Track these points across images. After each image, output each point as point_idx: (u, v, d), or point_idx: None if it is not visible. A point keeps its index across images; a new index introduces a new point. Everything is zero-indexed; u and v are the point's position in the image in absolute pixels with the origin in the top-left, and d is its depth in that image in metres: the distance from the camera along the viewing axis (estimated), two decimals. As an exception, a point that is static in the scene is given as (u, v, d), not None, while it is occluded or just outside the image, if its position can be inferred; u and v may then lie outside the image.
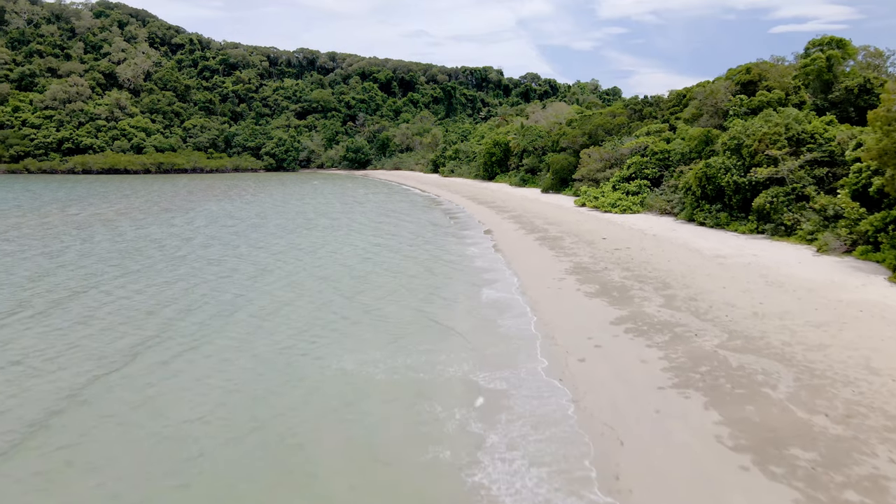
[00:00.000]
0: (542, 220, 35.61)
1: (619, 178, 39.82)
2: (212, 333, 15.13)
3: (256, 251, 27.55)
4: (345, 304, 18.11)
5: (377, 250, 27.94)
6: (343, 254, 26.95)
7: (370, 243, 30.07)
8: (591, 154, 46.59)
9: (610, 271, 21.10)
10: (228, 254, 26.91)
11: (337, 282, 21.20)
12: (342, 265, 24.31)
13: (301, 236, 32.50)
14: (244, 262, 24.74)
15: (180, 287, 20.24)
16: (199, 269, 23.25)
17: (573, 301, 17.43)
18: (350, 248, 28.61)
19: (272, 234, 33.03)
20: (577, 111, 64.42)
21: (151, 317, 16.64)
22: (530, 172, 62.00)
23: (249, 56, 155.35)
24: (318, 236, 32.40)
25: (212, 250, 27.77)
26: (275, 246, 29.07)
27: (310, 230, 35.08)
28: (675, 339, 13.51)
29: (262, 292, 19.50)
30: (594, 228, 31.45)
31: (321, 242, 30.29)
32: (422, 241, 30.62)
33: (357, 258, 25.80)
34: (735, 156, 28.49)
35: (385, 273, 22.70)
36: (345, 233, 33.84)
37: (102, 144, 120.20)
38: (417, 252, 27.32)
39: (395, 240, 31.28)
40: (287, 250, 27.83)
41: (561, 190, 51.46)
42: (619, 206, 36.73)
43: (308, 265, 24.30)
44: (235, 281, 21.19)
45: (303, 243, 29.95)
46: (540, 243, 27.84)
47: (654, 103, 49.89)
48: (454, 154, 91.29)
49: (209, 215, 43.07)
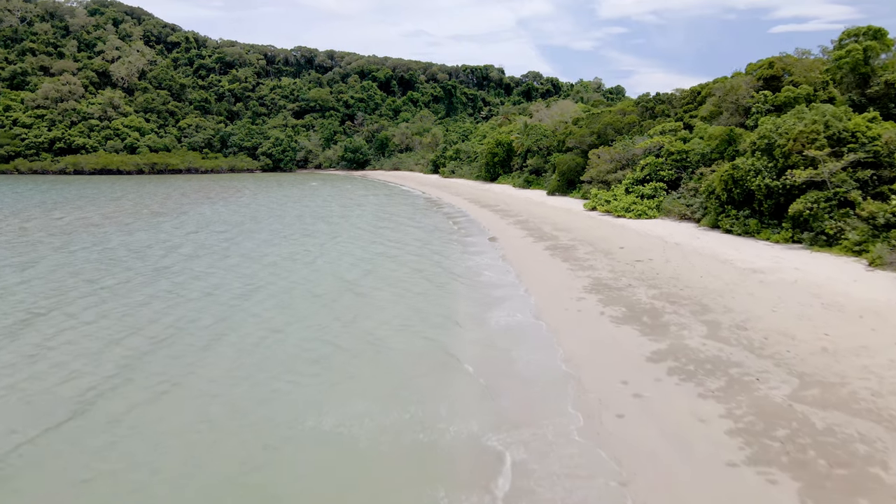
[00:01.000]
0: (550, 226, 33.08)
1: (632, 181, 37.28)
2: (181, 375, 12.65)
3: (247, 262, 25.08)
4: (340, 331, 15.65)
5: (379, 261, 25.45)
6: (342, 265, 24.50)
7: (371, 252, 27.59)
8: (600, 154, 44.05)
9: (635, 289, 18.57)
10: (216, 266, 24.42)
11: (333, 301, 18.76)
12: (340, 280, 21.85)
13: (297, 244, 30.04)
14: (232, 277, 22.25)
15: (156, 308, 17.72)
16: (181, 285, 20.75)
17: (598, 329, 14.90)
18: (349, 258, 26.15)
19: (266, 242, 30.56)
20: (583, 109, 61.81)
21: (115, 349, 14.17)
22: (535, 173, 59.45)
23: (246, 54, 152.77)
24: (316, 244, 29.93)
25: (198, 262, 25.27)
26: (268, 256, 26.61)
27: (307, 237, 32.62)
28: (733, 384, 11.00)
29: (249, 316, 17.03)
30: (609, 236, 28.92)
31: (319, 251, 27.84)
32: (426, 250, 28.13)
33: (357, 271, 23.34)
34: (766, 157, 25.95)
35: (386, 289, 20.27)
36: (344, 240, 31.36)
37: (95, 144, 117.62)
38: (421, 263, 24.84)
39: (396, 248, 28.77)
40: (281, 261, 25.38)
41: (568, 192, 48.93)
42: (634, 211, 34.19)
43: (303, 280, 21.85)
44: (220, 300, 18.67)
45: (299, 252, 27.49)
46: (551, 253, 25.31)
47: (666, 101, 47.34)
48: (455, 154, 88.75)
49: (201, 219, 40.59)
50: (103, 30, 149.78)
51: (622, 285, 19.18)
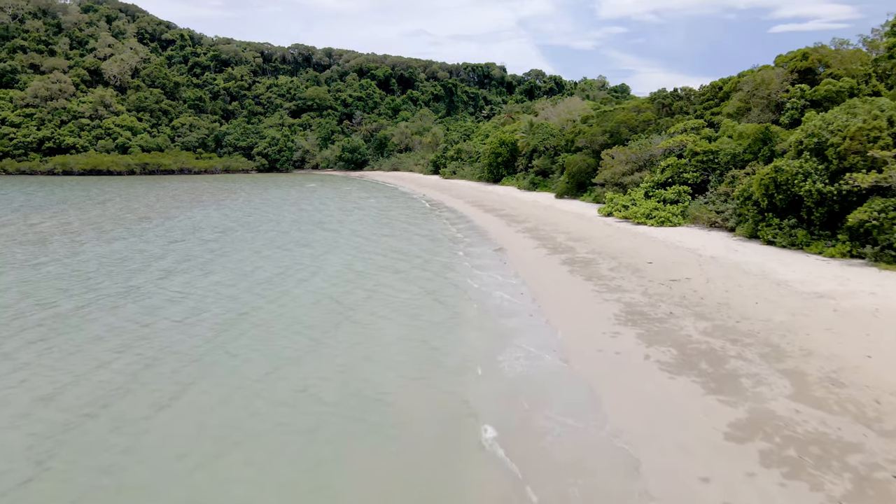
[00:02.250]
0: (564, 235, 29.76)
1: (652, 184, 33.94)
2: (103, 470, 9.24)
3: (233, 280, 21.72)
4: (331, 384, 12.32)
5: (380, 278, 22.00)
6: (340, 284, 21.05)
7: (372, 266, 24.23)
8: (614, 155, 40.73)
9: (679, 319, 15.27)
10: (196, 284, 21.06)
11: (327, 336, 15.37)
12: (337, 304, 18.43)
13: (291, 255, 26.68)
14: (212, 300, 18.91)
15: (108, 347, 14.35)
16: (149, 312, 17.41)
17: (647, 381, 11.60)
18: (349, 273, 22.77)
19: (257, 253, 27.24)
20: (592, 107, 58.45)
21: (39, 415, 10.86)
22: (541, 175, 56.10)
23: (242, 52, 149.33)
24: (312, 256, 26.57)
25: (176, 279, 21.90)
26: (257, 271, 23.28)
27: (303, 246, 29.30)
28: (864, 487, 7.68)
29: (220, 361, 13.62)
30: (632, 247, 25.60)
31: (315, 265, 24.44)
32: (429, 265, 24.61)
33: (358, 292, 19.86)
34: (816, 158, 22.61)
35: (388, 317, 16.94)
36: (343, 250, 27.91)
37: (85, 144, 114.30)
38: (426, 281, 21.48)
39: (398, 260, 25.37)
40: (272, 278, 22.06)
41: (578, 195, 45.61)
42: (656, 218, 30.87)
43: (294, 304, 18.46)
44: (191, 336, 15.25)
45: (292, 267, 24.13)
46: (569, 269, 21.99)
47: (684, 96, 44.02)
48: (456, 154, 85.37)
49: (190, 225, 37.32)
50: (96, 27, 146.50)
51: (662, 314, 15.86)
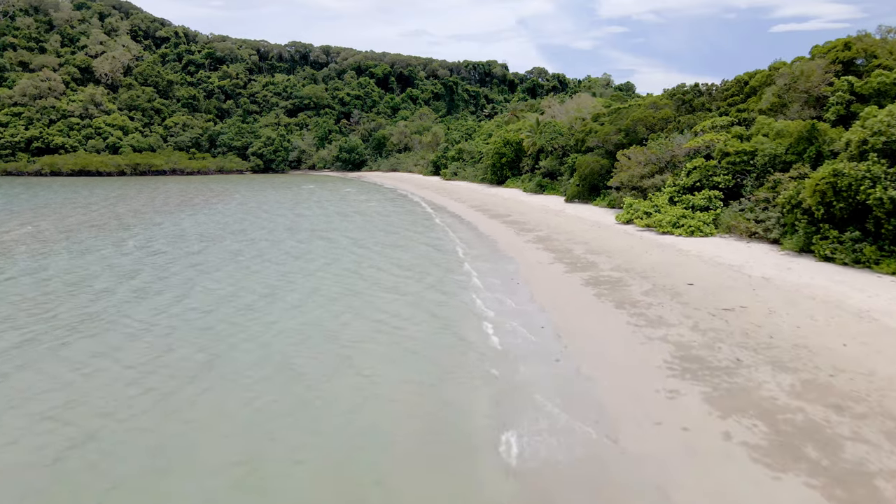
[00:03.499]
0: (581, 247, 26.30)
1: (677, 188, 30.48)
2: None
3: (212, 305, 18.18)
4: (309, 477, 8.86)
5: (384, 302, 18.42)
6: (338, 313, 17.34)
7: (375, 286, 20.61)
8: (630, 156, 37.27)
9: (753, 371, 11.84)
10: (166, 311, 17.52)
11: (314, 394, 11.84)
12: (332, 340, 14.89)
13: (285, 272, 23.10)
14: (181, 334, 15.41)
15: (29, 412, 10.90)
16: (99, 354, 13.86)
17: (739, 483, 8.11)
18: (350, 297, 19.13)
19: (244, 269, 23.73)
20: (602, 104, 55.00)
21: None
22: (549, 176, 52.62)
23: (238, 50, 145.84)
24: (308, 273, 22.94)
25: (143, 304, 18.32)
26: (242, 293, 19.68)
27: (298, 259, 25.82)
28: None
29: (178, 434, 10.15)
30: (664, 263, 22.14)
31: (310, 286, 20.81)
32: (437, 283, 20.94)
33: (357, 324, 16.24)
34: (885, 160, 19.13)
35: (390, 364, 13.43)
36: (342, 266, 24.17)
37: (75, 144, 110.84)
38: (435, 306, 17.93)
39: (403, 280, 21.57)
40: (258, 302, 18.49)
41: (590, 199, 42.14)
42: (685, 227, 27.40)
43: (281, 342, 14.78)
44: (138, 395, 11.60)
45: (283, 288, 20.52)
46: (595, 292, 18.53)
47: (706, 92, 40.55)
48: (457, 154, 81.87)
49: (175, 233, 33.89)
50: (88, 24, 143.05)
51: (726, 361, 12.40)
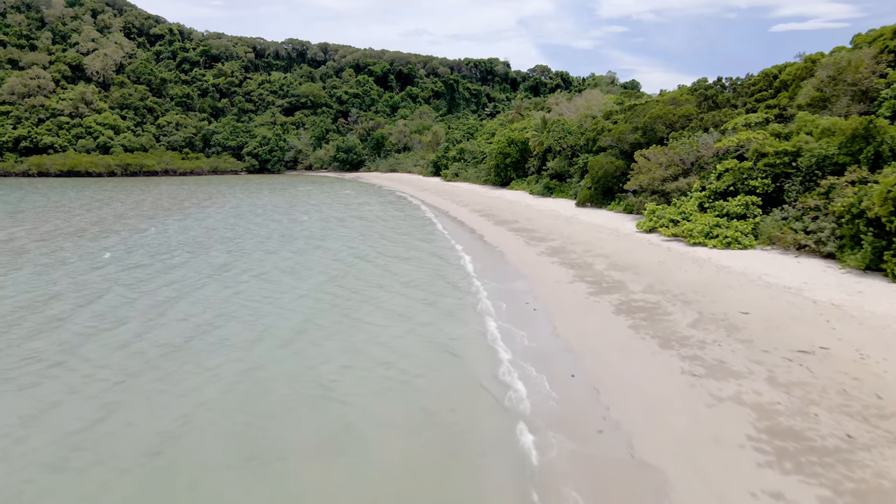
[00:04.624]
0: (603, 260, 23.00)
1: (708, 193, 27.18)
2: None
3: (181, 343, 14.63)
4: None
5: (387, 340, 14.98)
6: (334, 355, 13.85)
7: (377, 315, 17.11)
8: (650, 156, 33.98)
9: (877, 455, 8.51)
10: (123, 351, 14.09)
11: (303, 489, 8.61)
12: (324, 407, 11.24)
13: (275, 294, 19.47)
14: (134, 392, 11.86)
15: None
16: (25, 422, 10.57)
17: None
18: (352, 333, 15.59)
19: (230, 289, 20.25)
20: (614, 101, 51.70)
21: None
22: (557, 178, 49.31)
23: (233, 47, 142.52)
24: (302, 295, 19.43)
25: (98, 339, 14.89)
26: (221, 325, 16.11)
27: (291, 276, 22.44)
28: None
29: None
30: (704, 282, 18.83)
31: (302, 314, 17.11)
32: (446, 313, 17.26)
33: (360, 377, 12.65)
34: (981, 163, 15.82)
35: (397, 423, 10.26)
36: (342, 286, 20.60)
37: (64, 143, 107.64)
38: (444, 343, 14.59)
39: (409, 306, 17.93)
40: (239, 338, 14.98)
41: (604, 203, 38.84)
42: (720, 238, 24.10)
43: (258, 407, 11.18)
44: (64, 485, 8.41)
45: (271, 316, 16.96)
46: (630, 323, 15.24)
47: (730, 87, 37.28)
48: (459, 154, 78.58)
49: (158, 242, 30.55)
50: (80, 21, 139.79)
51: (833, 440, 9.07)
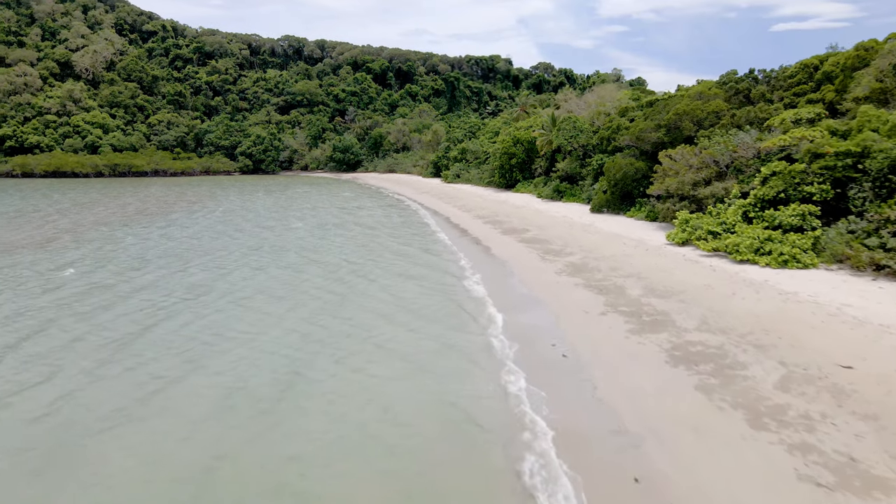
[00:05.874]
0: (636, 282, 19.16)
1: (752, 201, 23.33)
2: None
3: (122, 418, 10.58)
4: None
5: (393, 402, 11.10)
6: (329, 445, 9.71)
7: (380, 365, 13.03)
8: (677, 157, 30.16)
9: None
10: (41, 425, 10.31)
11: None
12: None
13: (256, 332, 15.32)
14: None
15: None
16: None
17: None
18: (351, 396, 11.66)
19: (201, 323, 16.21)
20: (630, 97, 47.85)
21: None
22: (567, 181, 45.50)
23: (228, 44, 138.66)
24: (290, 330, 15.46)
25: (10, 405, 11.21)
26: (182, 383, 12.09)
27: (281, 299, 18.51)
28: None
29: None
30: (773, 317, 14.98)
31: (291, 364, 12.99)
32: (458, 364, 13.55)
33: (360, 483, 8.96)
34: None
35: None
36: (336, 315, 16.70)
37: (51, 143, 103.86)
38: (462, 409, 10.73)
39: (413, 346, 14.36)
40: (195, 410, 10.94)
41: (623, 209, 35.01)
42: (773, 254, 20.27)
43: None
44: None
45: (248, 361, 13.11)
46: (697, 381, 11.44)
47: (764, 80, 33.43)
48: (460, 154, 74.76)
49: (133, 255, 26.60)
50: (70, 17, 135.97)
51: None
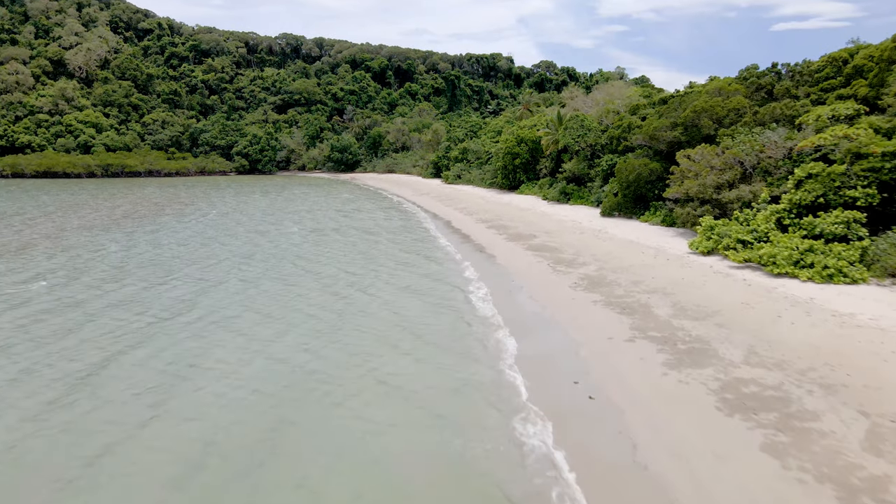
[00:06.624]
0: (663, 300, 16.90)
1: (786, 206, 21.07)
2: None
3: None
4: None
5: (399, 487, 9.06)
6: None
7: (380, 406, 11.06)
8: (696, 157, 27.89)
9: None
10: None
11: None
12: None
13: (237, 369, 12.89)
14: None
15: None
16: None
17: None
18: (347, 476, 9.58)
19: (173, 349, 14.08)
20: (641, 94, 45.54)
21: None
22: (574, 182, 43.24)
23: (224, 42, 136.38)
24: (276, 364, 13.20)
25: None
26: (124, 446, 9.89)
27: (270, 319, 16.29)
28: None
29: None
30: (832, 346, 12.75)
31: (267, 421, 10.86)
32: (474, 409, 11.60)
33: None
34: None
35: None
36: (328, 341, 14.52)
37: (42, 143, 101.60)
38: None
39: (416, 389, 12.22)
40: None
41: (636, 213, 32.74)
42: (816, 268, 18.01)
43: None
44: None
45: (215, 411, 10.93)
46: (760, 438, 9.22)
47: (788, 75, 31.16)
48: (461, 154, 72.51)
49: (113, 264, 24.48)
50: (65, 14, 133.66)
51: None
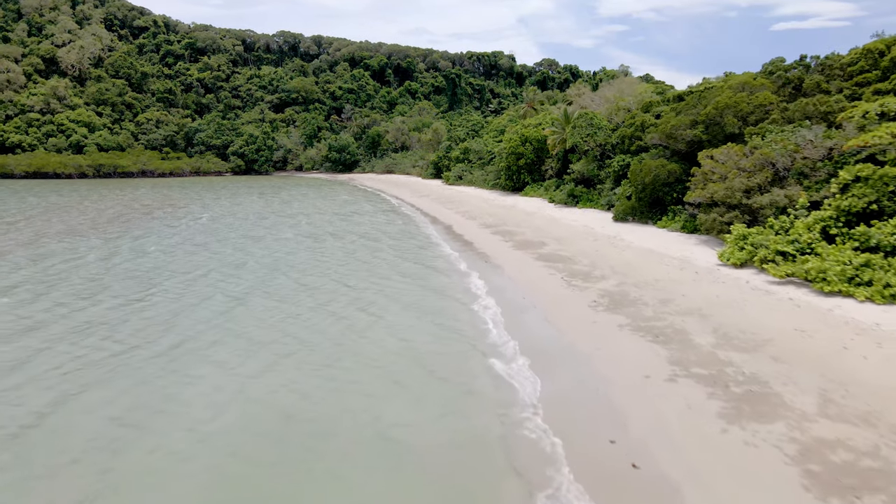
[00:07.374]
0: (702, 325, 14.54)
1: (832, 213, 18.68)
2: None
3: None
4: None
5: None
6: None
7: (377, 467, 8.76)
8: (721, 158, 25.52)
9: None
10: None
11: None
12: None
13: (210, 419, 10.44)
14: None
15: None
16: None
17: None
18: None
19: (138, 389, 11.63)
20: (654, 90, 43.17)
21: None
22: (583, 184, 40.86)
23: (221, 40, 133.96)
24: (256, 407, 10.81)
25: None
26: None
27: (252, 348, 13.82)
28: None
29: None
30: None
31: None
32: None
33: None
34: None
35: None
36: (324, 379, 12.09)
37: (33, 142, 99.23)
38: None
39: (418, 443, 9.88)
40: None
41: (652, 218, 30.35)
42: (876, 286, 15.64)
43: None
44: None
45: (177, 483, 8.49)
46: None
47: (819, 68, 28.77)
48: (462, 154, 70.14)
49: (89, 277, 22.04)
50: (59, 11, 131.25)
51: None
